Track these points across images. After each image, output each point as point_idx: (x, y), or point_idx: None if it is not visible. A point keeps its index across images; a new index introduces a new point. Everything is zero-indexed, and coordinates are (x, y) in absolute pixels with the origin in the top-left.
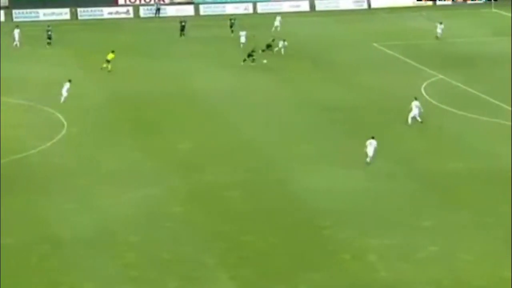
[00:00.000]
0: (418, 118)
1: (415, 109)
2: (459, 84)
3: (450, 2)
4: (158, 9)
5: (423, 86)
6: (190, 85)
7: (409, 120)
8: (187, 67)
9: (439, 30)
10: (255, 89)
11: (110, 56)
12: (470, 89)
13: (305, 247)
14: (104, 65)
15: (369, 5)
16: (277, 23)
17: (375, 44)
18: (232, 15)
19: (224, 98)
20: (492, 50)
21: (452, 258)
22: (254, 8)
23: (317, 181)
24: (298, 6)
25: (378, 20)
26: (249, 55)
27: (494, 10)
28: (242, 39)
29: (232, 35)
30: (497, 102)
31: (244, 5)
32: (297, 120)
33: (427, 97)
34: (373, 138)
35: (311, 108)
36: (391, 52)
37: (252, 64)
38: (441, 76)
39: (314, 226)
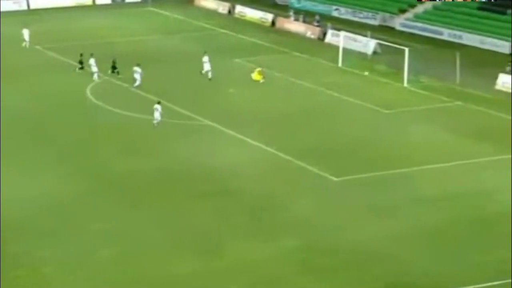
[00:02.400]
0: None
1: (205, 65)
2: (123, 84)
3: (109, 1)
4: None
5: (89, 87)
6: None
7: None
8: None
9: (205, 67)
10: None
11: None
12: (132, 89)
13: None
14: None
15: (28, 5)
16: None
17: (37, 47)
18: None
19: None
20: (151, 47)
21: (126, 259)
22: None
23: None
24: None
25: (39, 21)
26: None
27: (151, 8)
28: None
29: None
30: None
31: None
32: None
33: (92, 98)
34: (158, 103)
35: None
36: (53, 54)
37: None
38: (105, 77)
39: None
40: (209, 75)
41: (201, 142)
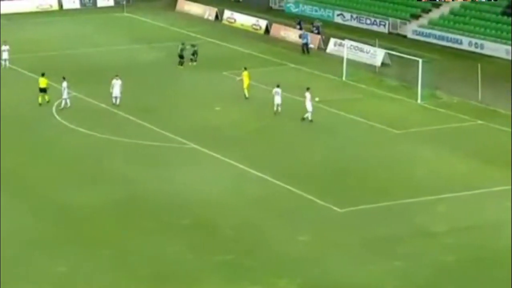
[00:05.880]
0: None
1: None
2: (94, 101)
3: (79, 6)
4: None
5: (55, 105)
6: None
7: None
8: None
9: (276, 99)
10: None
11: (43, 82)
12: (104, 106)
13: None
14: (46, 98)
15: None
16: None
17: None
18: None
19: None
20: (125, 59)
21: None
22: None
23: None
24: None
25: None
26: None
27: (126, 14)
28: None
29: None
30: (133, 118)
31: None
32: None
33: (59, 118)
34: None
35: None
36: (13, 67)
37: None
38: (73, 93)
39: None
40: (279, 109)
41: (181, 166)
